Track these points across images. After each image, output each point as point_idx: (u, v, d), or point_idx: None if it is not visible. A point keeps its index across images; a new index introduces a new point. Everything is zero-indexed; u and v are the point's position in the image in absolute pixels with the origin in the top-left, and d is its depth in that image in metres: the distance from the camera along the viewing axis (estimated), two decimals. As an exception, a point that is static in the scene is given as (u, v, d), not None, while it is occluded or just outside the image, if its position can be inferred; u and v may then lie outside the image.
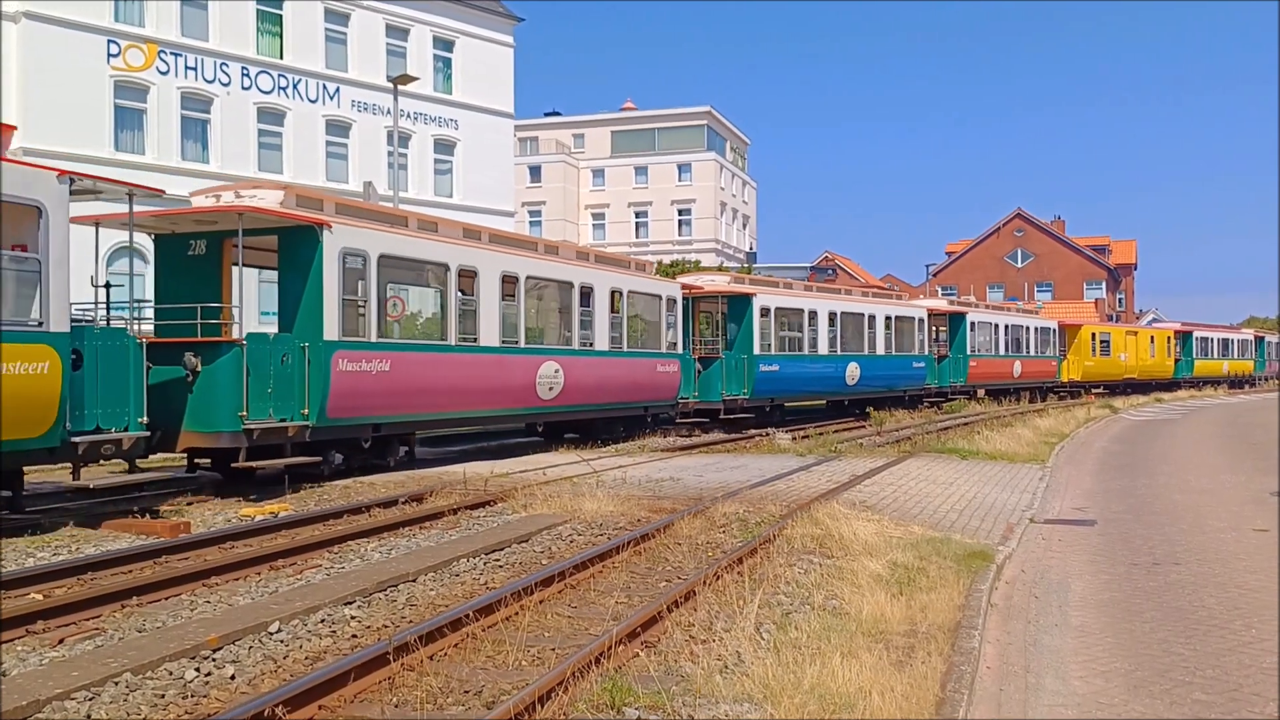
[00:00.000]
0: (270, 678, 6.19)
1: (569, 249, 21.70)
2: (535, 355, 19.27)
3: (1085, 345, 49.70)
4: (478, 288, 17.69)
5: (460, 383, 17.32)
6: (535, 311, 19.92)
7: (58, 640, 6.89)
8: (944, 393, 37.69)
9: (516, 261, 18.78)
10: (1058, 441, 23.69)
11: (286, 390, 14.03)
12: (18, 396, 10.38)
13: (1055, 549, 10.92)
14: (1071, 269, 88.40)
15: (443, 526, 11.33)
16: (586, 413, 21.37)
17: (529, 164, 70.56)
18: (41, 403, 10.66)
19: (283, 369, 13.98)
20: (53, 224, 10.87)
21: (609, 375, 21.48)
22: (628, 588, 8.47)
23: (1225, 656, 6.93)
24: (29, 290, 10.81)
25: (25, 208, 10.65)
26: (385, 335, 16.09)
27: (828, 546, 9.83)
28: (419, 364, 16.51)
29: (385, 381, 15.55)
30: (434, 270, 17.20)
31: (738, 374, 26.34)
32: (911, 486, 14.56)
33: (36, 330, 10.73)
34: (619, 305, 21.92)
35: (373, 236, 15.53)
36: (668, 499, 13.05)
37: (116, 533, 10.92)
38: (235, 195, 14.62)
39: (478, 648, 6.69)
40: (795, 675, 5.83)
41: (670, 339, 24.08)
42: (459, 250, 17.36)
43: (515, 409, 19.09)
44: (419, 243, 16.70)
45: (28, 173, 10.94)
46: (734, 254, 74.91)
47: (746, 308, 26.77)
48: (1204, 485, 16.21)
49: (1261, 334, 76.24)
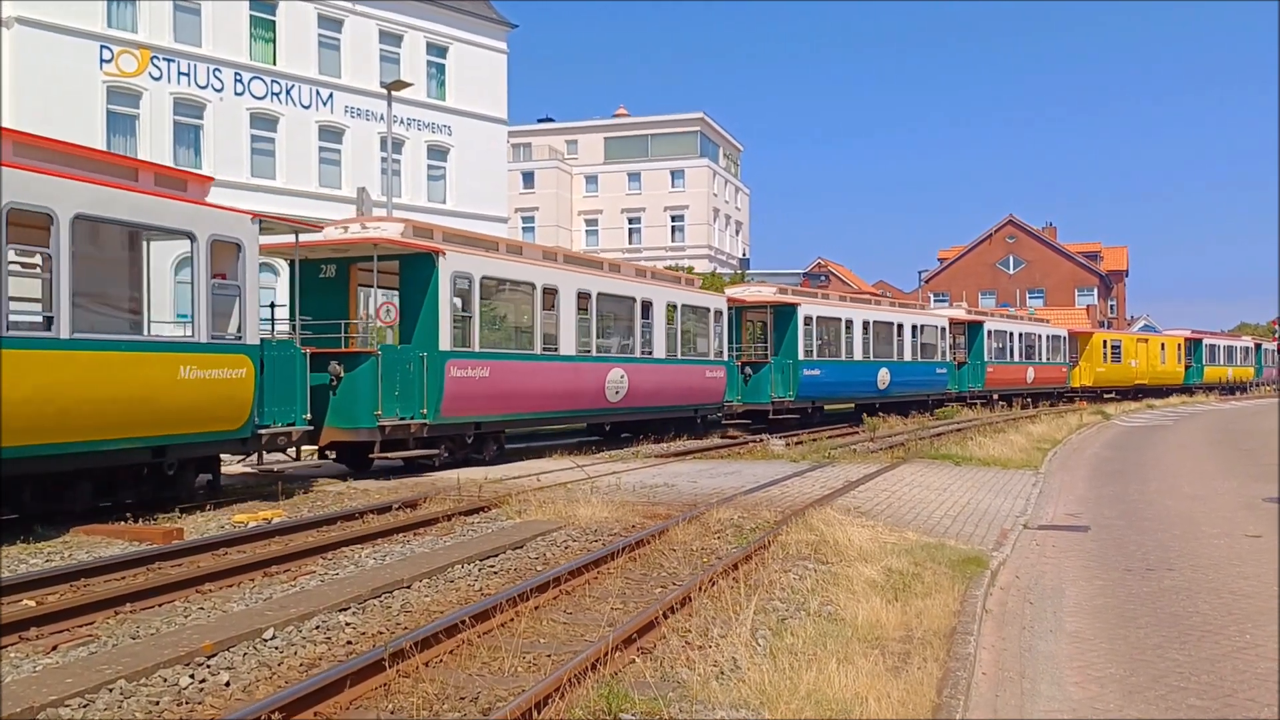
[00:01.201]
0: (265, 684, 6.16)
1: (629, 268, 24.05)
2: (604, 363, 21.56)
3: (1097, 352, 51.78)
4: (558, 303, 20.07)
5: (544, 387, 19.82)
6: (603, 324, 22.01)
7: (51, 647, 6.86)
8: (963, 397, 39.29)
9: (588, 280, 21.18)
10: (1050, 448, 23.74)
11: (410, 393, 16.48)
12: (222, 396, 12.90)
13: (1049, 555, 10.93)
14: (1063, 275, 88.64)
15: (437, 532, 11.31)
16: (646, 414, 23.78)
17: (522, 170, 70.56)
18: (239, 402, 13.11)
19: (408, 375, 16.46)
20: (248, 256, 13.32)
21: (666, 380, 23.74)
22: (623, 594, 8.46)
23: (1220, 662, 6.94)
24: (230, 310, 13.19)
25: (229, 244, 13.11)
26: (486, 346, 18.35)
27: (823, 552, 9.83)
28: (512, 371, 18.94)
29: (486, 386, 18.03)
30: (523, 289, 19.53)
31: (783, 378, 28.54)
32: (905, 492, 14.57)
33: (236, 342, 13.19)
34: (673, 317, 24.20)
35: (476, 261, 17.99)
36: (662, 505, 13.04)
37: (109, 539, 10.89)
38: (361, 227, 17.17)
39: (473, 654, 6.68)
40: (791, 681, 5.83)
41: (717, 347, 26.13)
42: (543, 271, 19.80)
43: (587, 410, 21.63)
44: (511, 265, 19.16)
45: (231, 216, 13.30)
46: (727, 260, 74.97)
47: (792, 316, 29.08)
48: (1196, 491, 16.25)
49: (1259, 341, 77.16)
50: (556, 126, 76.95)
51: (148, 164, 13.89)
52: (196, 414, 12.61)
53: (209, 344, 12.80)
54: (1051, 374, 47.36)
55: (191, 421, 12.60)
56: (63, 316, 10.96)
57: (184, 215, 12.60)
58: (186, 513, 12.57)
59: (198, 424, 12.69)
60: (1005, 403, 42.39)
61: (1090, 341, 52.12)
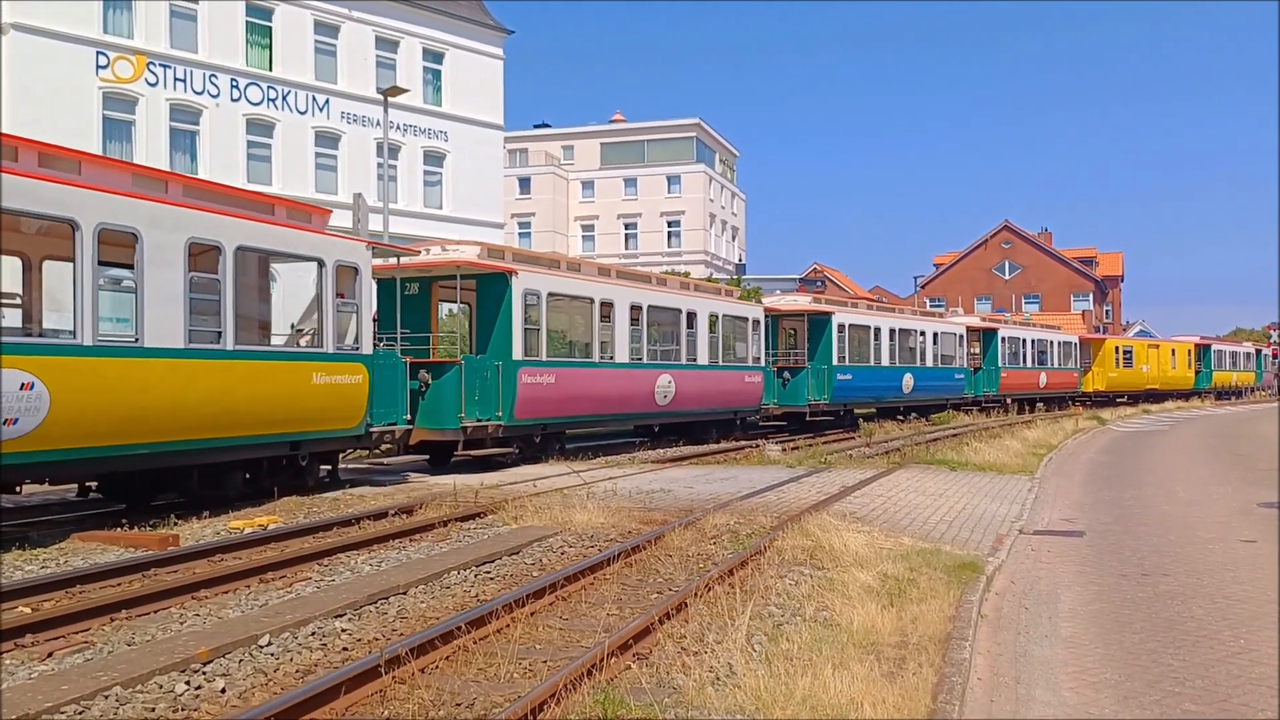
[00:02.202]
0: (261, 691, 6.16)
1: (674, 281, 25.88)
2: (654, 369, 23.36)
3: (1109, 357, 53.73)
4: (613, 315, 21.81)
5: (602, 391, 21.60)
6: (653, 333, 23.77)
7: (46, 654, 6.85)
8: (978, 401, 40.91)
9: (640, 294, 23.00)
10: (1046, 453, 23.77)
11: (488, 397, 18.27)
12: (344, 399, 14.88)
13: (1044, 560, 10.95)
14: (1059, 281, 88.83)
15: (433, 539, 11.30)
16: (691, 416, 25.61)
17: (518, 176, 70.62)
18: (356, 404, 15.12)
19: (485, 382, 18.23)
20: (363, 278, 15.37)
21: (709, 385, 25.51)
22: (619, 599, 8.46)
23: (1214, 667, 6.96)
24: (349, 325, 15.24)
25: (349, 268, 15.21)
26: (552, 355, 20.41)
27: (818, 558, 9.84)
28: (574, 377, 20.83)
29: (552, 390, 19.84)
30: (583, 303, 21.37)
31: (818, 382, 30.47)
32: (901, 498, 14.58)
33: (354, 353, 15.20)
34: (715, 326, 25.92)
35: (542, 279, 19.80)
36: (658, 510, 13.04)
37: (105, 545, 10.88)
38: (443, 250, 19.09)
39: (469, 660, 6.68)
40: (787, 686, 5.84)
41: (755, 353, 27.95)
42: (600, 286, 21.64)
43: (638, 413, 23.47)
44: (572, 281, 21.00)
45: (351, 244, 15.54)
46: (723, 265, 75.04)
47: (827, 324, 31.00)
48: (1191, 496, 16.28)
49: (1259, 346, 78.21)
50: (553, 132, 77.03)
51: (281, 200, 15.93)
52: (324, 414, 14.73)
53: (334, 354, 14.87)
54: (1063, 379, 49.16)
55: (320, 420, 14.69)
56: (228, 332, 13.07)
57: (314, 244, 14.74)
58: (182, 519, 12.56)
59: (325, 422, 14.77)
60: (1019, 406, 44.15)
61: (1103, 347, 53.97)
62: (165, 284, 12.27)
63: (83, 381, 11.23)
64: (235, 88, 35.02)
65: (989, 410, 39.83)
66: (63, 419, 10.90)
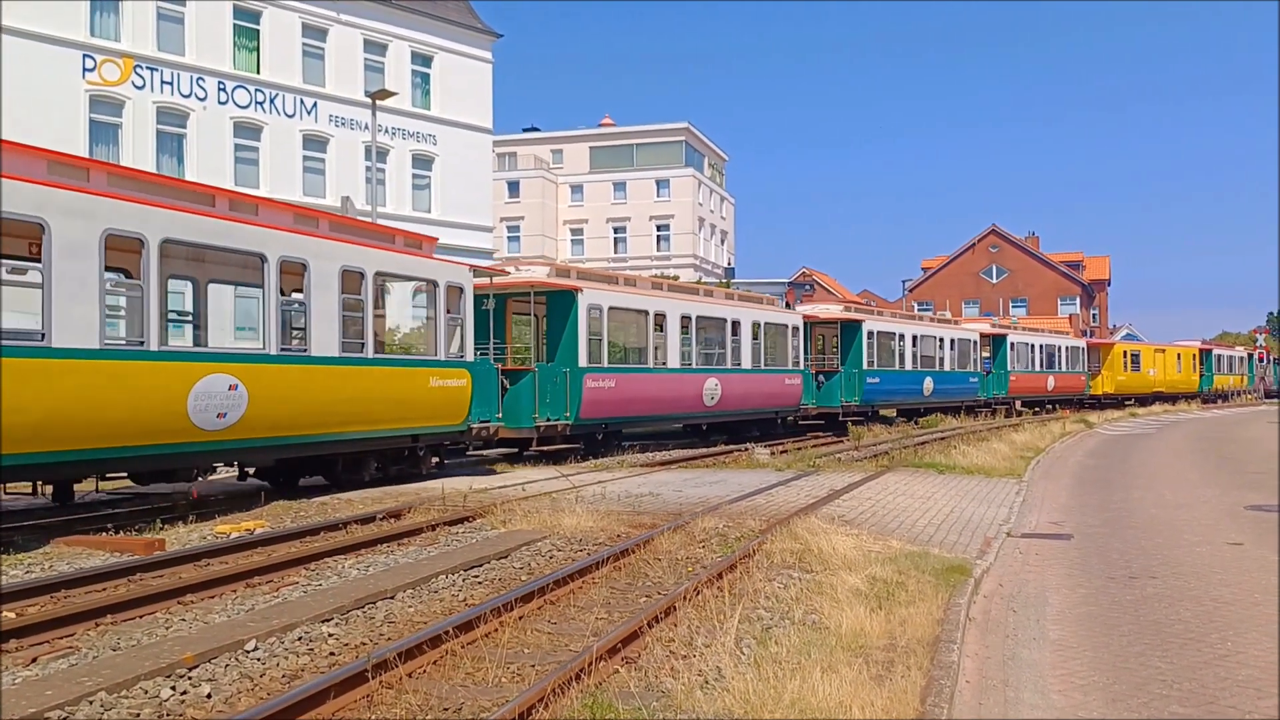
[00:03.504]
0: (247, 696, 6.13)
1: (719, 292, 29.16)
2: (701, 374, 25.66)
3: (1118, 362, 56.84)
4: (666, 325, 24.25)
5: (655, 394, 24.03)
6: (701, 340, 25.99)
7: (31, 659, 6.80)
8: (989, 403, 43.63)
9: (689, 305, 25.39)
10: (1033, 456, 23.82)
11: (557, 400, 20.81)
12: (449, 400, 17.37)
13: (1032, 563, 10.97)
14: (1046, 285, 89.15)
15: (421, 543, 11.26)
16: (735, 416, 27.98)
17: (507, 179, 70.55)
18: (461, 404, 17.62)
19: (556, 386, 20.83)
20: (466, 296, 17.94)
21: (751, 387, 27.80)
22: (608, 603, 8.44)
23: (1202, 670, 6.97)
24: (455, 336, 17.67)
25: (456, 288, 17.73)
26: (612, 361, 23.00)
27: (807, 561, 9.84)
28: (631, 381, 23.26)
29: (613, 393, 22.27)
30: (639, 314, 23.80)
31: (850, 385, 33.16)
32: (889, 501, 14.60)
33: (459, 359, 17.66)
34: (757, 333, 28.23)
35: (604, 294, 22.23)
36: (647, 514, 13.03)
37: (90, 550, 10.81)
38: (516, 269, 21.99)
39: (457, 665, 6.65)
40: (776, 690, 5.83)
41: (794, 358, 30.21)
42: (653, 299, 24.10)
43: (688, 413, 26.00)
44: (629, 296, 23.41)
45: (457, 267, 18.15)
46: (712, 269, 75.09)
47: (858, 331, 33.72)
48: (1178, 499, 16.33)
49: (1249, 350, 79.51)
50: (542, 136, 76.99)
51: (399, 230, 18.48)
52: (437, 412, 17.23)
53: (445, 361, 17.33)
54: (1071, 382, 52.23)
55: (435, 417, 17.21)
56: (369, 343, 15.71)
57: (431, 268, 17.42)
58: (168, 523, 12.50)
59: (437, 419, 17.27)
60: (1028, 407, 47.23)
61: (1111, 352, 57.06)
62: (325, 305, 14.86)
63: (270, 383, 13.81)
64: (222, 90, 34.91)
65: (997, 411, 42.50)
66: (257, 413, 13.49)
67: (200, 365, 12.98)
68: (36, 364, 10.93)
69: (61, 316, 11.23)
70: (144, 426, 12.17)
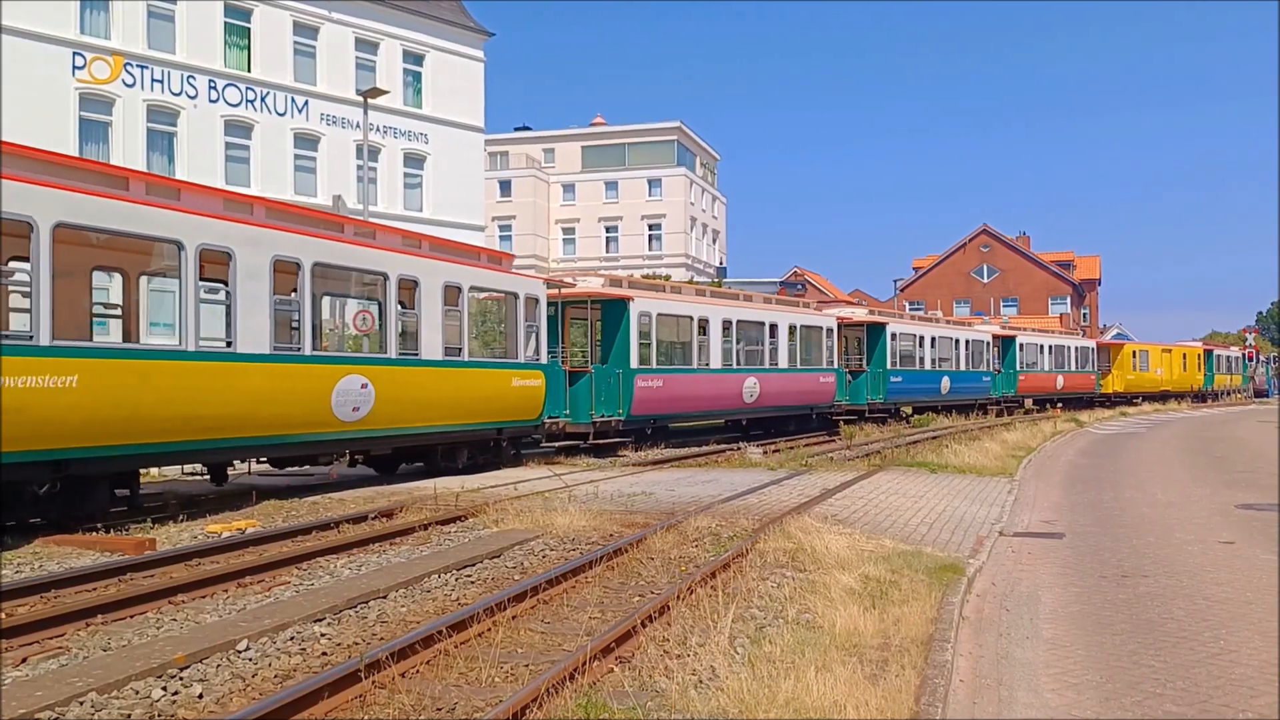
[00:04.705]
0: (239, 697, 6.09)
1: (759, 298, 30.59)
2: (742, 373, 27.74)
3: (1127, 361, 59.71)
4: (709, 329, 26.40)
5: (699, 392, 26.18)
6: (741, 342, 28.03)
7: (21, 660, 6.75)
8: (999, 401, 45.75)
9: (730, 310, 27.62)
10: (1025, 455, 23.86)
11: (612, 398, 23.06)
12: (528, 397, 19.51)
13: (1025, 562, 10.98)
14: (1037, 284, 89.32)
15: (414, 542, 11.23)
16: (773, 413, 30.16)
17: (499, 178, 70.48)
18: (538, 401, 19.84)
19: (610, 386, 23.07)
20: (541, 306, 20.08)
21: (788, 385, 29.95)
22: (601, 603, 8.43)
23: (1195, 668, 6.98)
24: (531, 341, 19.80)
25: (533, 299, 19.91)
26: (660, 363, 25.08)
27: (800, 560, 9.83)
28: (678, 381, 25.42)
29: (661, 393, 24.41)
30: (684, 320, 26.02)
31: (875, 383, 35.51)
32: (882, 500, 14.60)
33: (535, 362, 19.88)
34: (793, 335, 30.46)
35: (652, 302, 24.50)
36: (640, 513, 13.01)
37: (80, 549, 10.76)
38: (573, 281, 24.34)
39: (450, 664, 6.63)
40: (770, 689, 5.82)
41: (828, 358, 32.47)
42: (697, 305, 26.51)
43: (729, 409, 28.20)
44: (675, 303, 25.71)
45: (534, 281, 20.63)
46: (704, 269, 75.11)
47: (881, 333, 35.83)
48: (1169, 498, 16.37)
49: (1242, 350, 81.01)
50: (533, 135, 76.92)
51: (483, 249, 20.90)
52: (518, 408, 19.40)
53: (524, 363, 19.54)
54: (1081, 381, 54.71)
55: (516, 412, 19.40)
56: (466, 347, 17.96)
57: (513, 282, 19.68)
58: (159, 523, 12.44)
59: (518, 414, 19.48)
60: (1037, 406, 50.11)
61: (1121, 352, 60.07)
62: (431, 315, 17.06)
63: (391, 382, 16.08)
64: (213, 89, 34.80)
65: (1008, 409, 45.25)
66: (381, 408, 15.78)
67: (341, 367, 15.44)
68: (225, 366, 13.38)
69: (243, 328, 13.59)
70: (299, 418, 14.59)
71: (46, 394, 10.94)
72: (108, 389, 11.65)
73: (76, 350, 11.53)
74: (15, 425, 10.55)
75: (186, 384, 12.70)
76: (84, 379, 11.36)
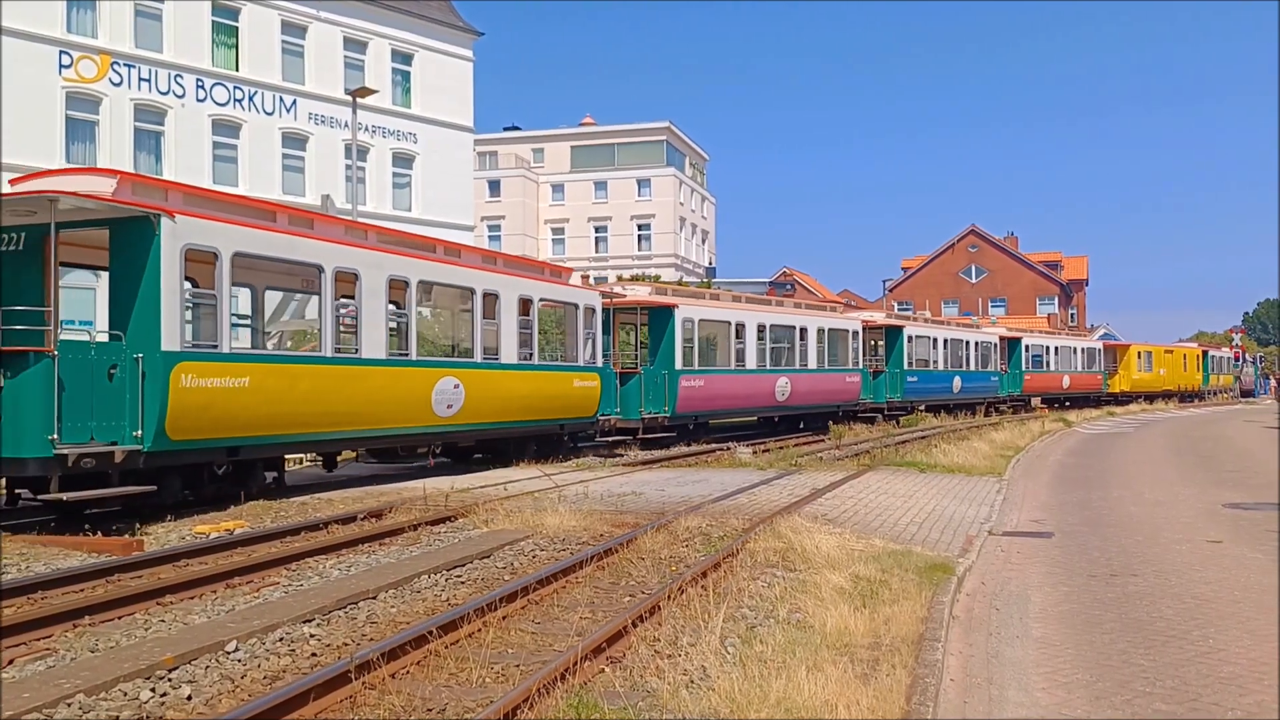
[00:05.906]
0: (228, 698, 6.06)
1: (790, 301, 33.84)
2: (774, 374, 30.05)
3: (1133, 362, 62.43)
4: (745, 333, 28.80)
5: (737, 391, 28.49)
6: (774, 344, 30.31)
7: (8, 661, 6.71)
8: (1007, 399, 48.41)
9: (764, 315, 30.02)
10: (1013, 455, 23.93)
11: (659, 397, 25.01)
12: (586, 397, 21.76)
13: (1014, 561, 11.00)
14: (1024, 285, 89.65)
15: (403, 543, 11.20)
16: (803, 410, 32.49)
17: (488, 178, 70.36)
18: (594, 400, 22.01)
19: (657, 385, 25.04)
20: (597, 314, 22.51)
21: (817, 385, 32.25)
22: (592, 603, 8.41)
23: (1184, 667, 7.00)
24: (589, 346, 22.06)
25: (591, 308, 22.25)
26: (702, 364, 26.91)
27: (791, 560, 9.83)
28: (717, 381, 27.51)
29: (702, 391, 26.47)
30: (723, 325, 28.22)
31: (893, 383, 37.84)
32: (872, 500, 14.63)
33: (591, 365, 22.04)
34: (822, 338, 32.68)
35: (695, 309, 26.75)
36: (630, 513, 13.00)
37: (68, 550, 10.70)
38: (622, 289, 26.90)
39: (441, 665, 6.60)
40: (761, 689, 5.81)
41: (854, 359, 34.72)
42: (735, 311, 28.82)
43: (762, 407, 30.58)
44: (715, 309, 28.19)
45: (592, 292, 23.38)
46: (693, 269, 75.14)
47: (899, 336, 38.24)
48: (1157, 498, 16.43)
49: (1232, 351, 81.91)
50: (523, 135, 76.85)
51: (546, 264, 23.82)
52: (577, 406, 21.56)
53: (583, 366, 21.71)
54: (1087, 380, 57.07)
55: (576, 410, 21.59)
56: (534, 352, 20.40)
57: (574, 294, 22.12)
58: (147, 523, 12.38)
59: (578, 412, 21.70)
60: (1045, 405, 52.47)
61: (1127, 353, 62.93)
62: (507, 324, 19.20)
63: (478, 383, 18.35)
64: (201, 88, 34.67)
65: (1013, 409, 47.80)
66: (470, 405, 17.98)
67: (439, 370, 17.62)
68: (353, 370, 15.67)
69: (366, 337, 15.91)
70: (405, 413, 16.83)
71: (228, 392, 13.31)
72: (269, 388, 14.02)
73: (249, 356, 14.64)
74: (206, 417, 12.99)
75: (323, 385, 15.05)
76: (253, 380, 13.76)
